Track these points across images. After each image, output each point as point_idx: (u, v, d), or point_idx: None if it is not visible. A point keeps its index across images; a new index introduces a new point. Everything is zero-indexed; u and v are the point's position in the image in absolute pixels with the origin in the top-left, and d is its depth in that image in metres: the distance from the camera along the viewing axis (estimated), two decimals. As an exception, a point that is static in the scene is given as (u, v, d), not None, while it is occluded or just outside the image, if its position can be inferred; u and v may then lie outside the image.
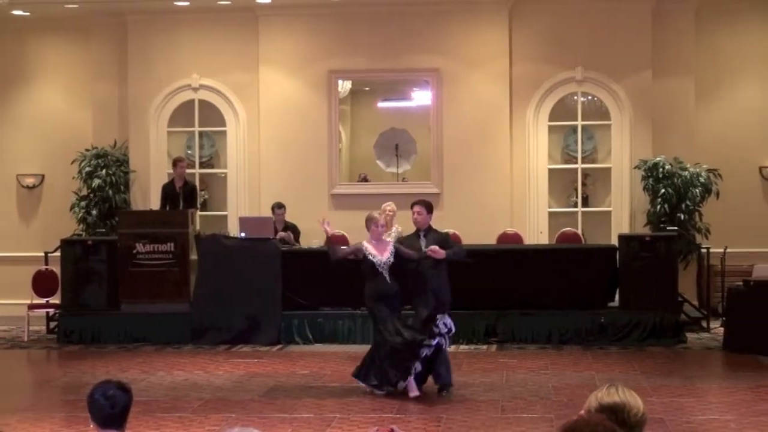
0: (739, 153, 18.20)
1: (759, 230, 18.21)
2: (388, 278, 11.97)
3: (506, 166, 17.89)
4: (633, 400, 4.41)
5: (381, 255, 12.03)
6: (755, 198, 18.42)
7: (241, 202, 18.28)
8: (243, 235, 16.07)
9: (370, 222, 12.35)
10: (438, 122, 18.07)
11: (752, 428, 10.10)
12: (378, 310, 11.95)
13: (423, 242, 12.23)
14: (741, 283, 15.11)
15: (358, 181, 19.36)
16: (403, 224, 16.57)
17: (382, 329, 11.85)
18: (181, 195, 17.00)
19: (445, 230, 13.33)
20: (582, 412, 4.55)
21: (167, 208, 16.95)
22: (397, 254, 12.06)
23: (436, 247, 12.02)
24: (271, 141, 18.22)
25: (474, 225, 17.40)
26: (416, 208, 12.48)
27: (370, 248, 12.14)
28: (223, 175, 18.73)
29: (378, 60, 18.12)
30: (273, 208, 17.04)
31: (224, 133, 18.58)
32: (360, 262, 12.26)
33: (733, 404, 11.31)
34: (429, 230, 12.44)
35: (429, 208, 12.60)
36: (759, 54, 18.46)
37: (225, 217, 18.33)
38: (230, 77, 18.41)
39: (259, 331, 15.54)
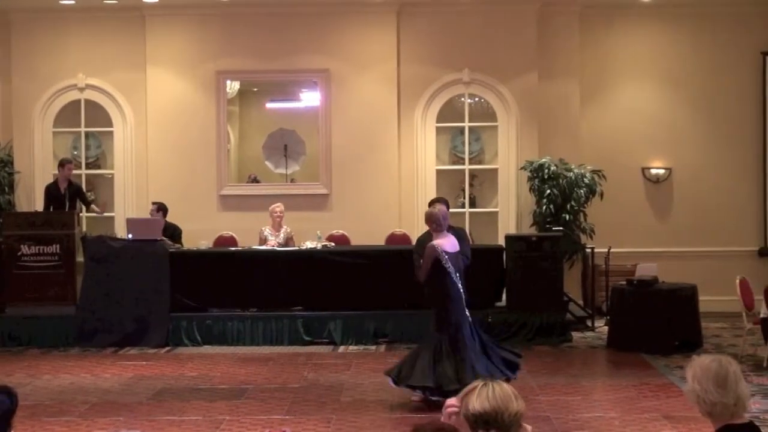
0: (623, 154, 18.52)
1: (642, 230, 18.56)
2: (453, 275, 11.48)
3: (394, 167, 17.98)
4: (504, 403, 4.45)
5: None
6: (638, 199, 18.75)
7: (129, 204, 18.12)
8: (130, 236, 15.94)
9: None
10: (326, 123, 18.10)
11: (636, 425, 10.30)
12: None
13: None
14: (624, 283, 15.36)
15: (247, 182, 19.32)
16: (293, 225, 16.65)
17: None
18: (66, 196, 16.81)
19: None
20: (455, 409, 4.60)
21: (51, 209, 16.74)
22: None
23: None
24: (158, 142, 18.09)
25: (362, 226, 17.47)
26: (440, 207, 12.00)
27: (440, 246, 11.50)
28: (109, 176, 18.54)
29: (266, 61, 18.09)
30: (152, 212, 16.92)
31: (111, 133, 18.40)
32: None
33: (617, 401, 11.50)
34: (449, 227, 12.08)
35: (448, 205, 12.42)
36: (641, 57, 18.80)
37: (112, 218, 18.14)
38: (117, 77, 18.23)
39: (147, 333, 15.41)
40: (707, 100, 18.69)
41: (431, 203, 12.41)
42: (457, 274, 11.43)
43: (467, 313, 11.51)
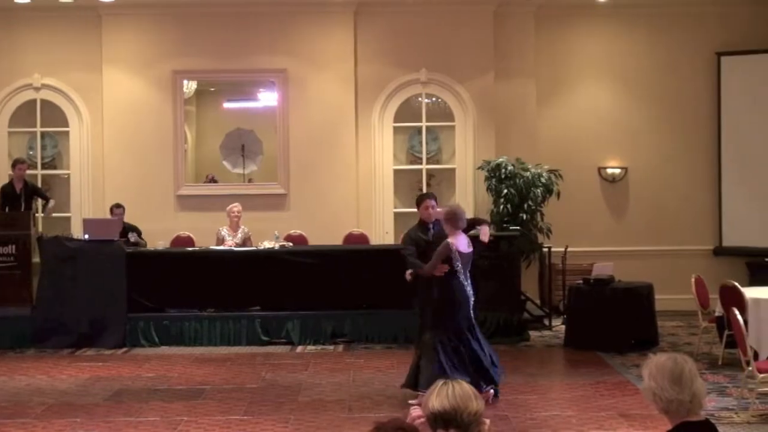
0: (579, 154, 18.63)
1: (598, 229, 18.67)
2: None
3: (352, 167, 17.99)
4: (463, 402, 4.47)
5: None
6: (594, 198, 18.86)
7: (85, 204, 18.04)
8: (87, 237, 15.86)
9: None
10: (284, 123, 18.08)
11: (592, 423, 10.35)
12: None
13: (431, 234, 11.73)
14: (581, 282, 15.43)
15: (205, 182, 19.27)
16: (251, 225, 16.63)
17: None
18: (22, 197, 16.70)
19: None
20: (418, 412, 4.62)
21: (7, 210, 16.63)
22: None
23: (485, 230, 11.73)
24: (115, 142, 18.02)
25: (320, 226, 17.48)
26: (431, 202, 11.91)
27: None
28: (66, 176, 18.45)
29: (223, 60, 18.05)
30: (111, 209, 16.91)
31: (67, 133, 18.32)
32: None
33: (574, 400, 11.56)
34: (436, 222, 11.86)
35: (436, 199, 12.23)
36: (597, 57, 18.92)
37: (68, 218, 18.06)
38: (73, 77, 18.14)
39: (104, 333, 15.33)
40: (663, 100, 18.83)
41: (421, 199, 12.14)
42: (468, 276, 11.38)
43: (472, 314, 11.44)
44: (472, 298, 11.46)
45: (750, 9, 18.58)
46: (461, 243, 11.26)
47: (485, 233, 11.79)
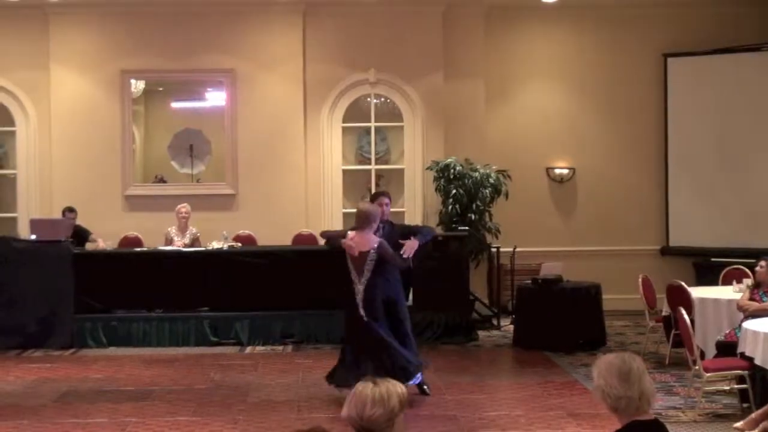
0: (527, 154, 18.71)
1: (546, 230, 18.76)
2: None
3: (301, 168, 17.97)
4: (358, 409, 4.55)
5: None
6: (542, 198, 18.95)
7: (32, 204, 17.90)
8: (34, 237, 15.74)
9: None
10: (232, 123, 18.04)
11: (541, 422, 10.39)
12: None
13: (380, 234, 11.49)
14: (530, 282, 15.50)
15: (153, 182, 19.16)
16: (199, 226, 16.56)
17: None
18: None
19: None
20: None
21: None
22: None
23: (410, 244, 11.30)
24: (62, 141, 17.89)
25: (269, 226, 17.45)
26: (385, 200, 11.88)
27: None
28: (12, 176, 18.31)
29: (172, 60, 17.97)
30: (64, 212, 16.77)
31: (13, 133, 18.17)
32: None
33: (523, 400, 11.59)
34: (386, 222, 11.81)
35: (390, 198, 12.18)
36: (545, 58, 19.00)
37: (15, 219, 17.93)
38: (20, 76, 17.99)
39: (52, 334, 15.21)
40: (610, 100, 18.95)
41: (375, 197, 12.21)
42: (369, 276, 11.26)
43: (364, 312, 11.26)
44: (360, 296, 11.26)
45: (696, 11, 18.72)
46: (361, 242, 11.15)
47: (410, 247, 11.43)
